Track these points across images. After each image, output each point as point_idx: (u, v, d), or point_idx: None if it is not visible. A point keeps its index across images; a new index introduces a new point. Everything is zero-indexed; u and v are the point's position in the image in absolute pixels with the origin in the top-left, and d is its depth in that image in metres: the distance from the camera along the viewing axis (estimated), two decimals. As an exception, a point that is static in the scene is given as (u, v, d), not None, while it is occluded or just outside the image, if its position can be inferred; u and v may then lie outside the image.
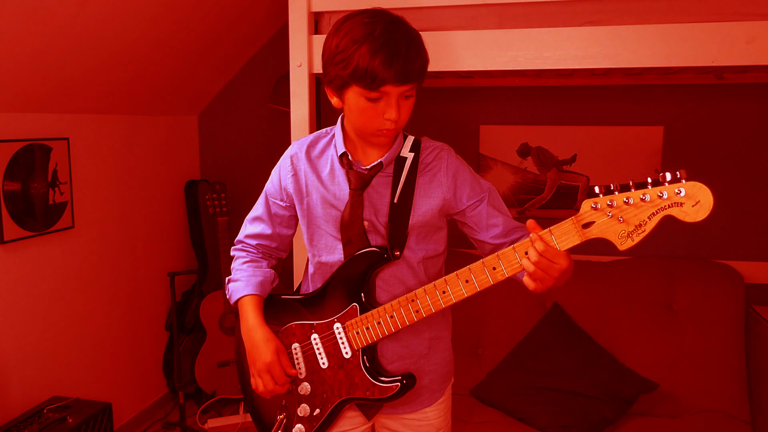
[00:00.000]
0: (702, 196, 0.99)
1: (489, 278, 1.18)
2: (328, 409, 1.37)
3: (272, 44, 3.24)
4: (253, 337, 1.38)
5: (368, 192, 1.32)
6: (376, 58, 1.15)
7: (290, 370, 1.36)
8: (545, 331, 2.52)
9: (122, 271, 2.88)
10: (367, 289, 1.33)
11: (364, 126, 1.26)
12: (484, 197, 1.35)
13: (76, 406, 2.32)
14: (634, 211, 1.04)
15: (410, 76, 1.20)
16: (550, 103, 2.85)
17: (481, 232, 1.36)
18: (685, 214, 1.00)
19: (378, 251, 1.30)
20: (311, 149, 1.39)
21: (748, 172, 2.68)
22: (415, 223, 1.32)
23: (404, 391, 1.31)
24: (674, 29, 1.72)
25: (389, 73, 1.16)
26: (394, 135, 1.29)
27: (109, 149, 2.77)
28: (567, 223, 1.10)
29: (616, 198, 1.05)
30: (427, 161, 1.34)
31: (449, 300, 1.24)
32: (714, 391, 2.37)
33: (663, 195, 1.01)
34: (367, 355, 1.34)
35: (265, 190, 1.46)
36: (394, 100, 1.21)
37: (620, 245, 1.06)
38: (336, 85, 1.25)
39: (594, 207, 1.07)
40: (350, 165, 1.32)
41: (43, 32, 1.99)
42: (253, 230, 1.47)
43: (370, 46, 1.16)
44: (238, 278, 1.44)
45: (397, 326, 1.29)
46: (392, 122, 1.22)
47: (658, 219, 1.03)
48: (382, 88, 1.18)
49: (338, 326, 1.34)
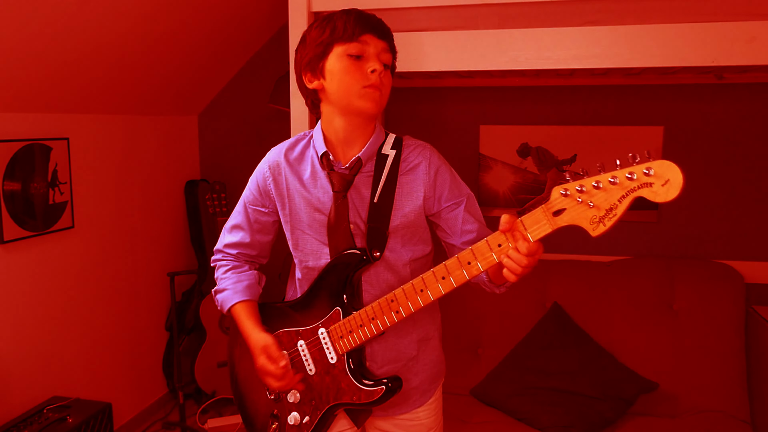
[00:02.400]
0: (671, 175, 0.94)
1: (465, 273, 1.16)
2: (318, 416, 1.36)
3: (272, 44, 3.24)
4: (249, 344, 1.38)
5: (350, 193, 1.30)
6: (351, 14, 1.26)
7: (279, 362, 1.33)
8: (545, 331, 2.52)
9: (122, 271, 2.88)
10: (350, 291, 1.31)
11: (349, 87, 1.25)
12: (462, 201, 1.33)
13: (76, 406, 2.32)
14: (603, 195, 1.00)
15: (386, 31, 1.28)
16: (550, 103, 2.85)
17: (454, 236, 1.34)
18: (655, 194, 0.96)
19: (357, 253, 1.28)
20: (290, 153, 1.37)
21: (748, 172, 2.68)
22: (399, 225, 1.31)
23: (390, 395, 1.30)
24: (674, 29, 1.72)
25: (367, 23, 1.25)
26: (379, 95, 1.26)
27: (109, 149, 2.77)
28: (538, 212, 1.07)
29: (585, 182, 1.01)
30: (409, 159, 1.33)
31: (427, 298, 1.22)
32: (714, 391, 2.37)
33: (633, 177, 0.97)
34: (353, 359, 1.32)
35: (243, 199, 1.44)
36: (374, 54, 1.25)
37: (592, 231, 1.02)
38: (315, 62, 1.28)
39: (564, 193, 1.03)
40: (331, 166, 1.30)
41: (43, 32, 1.99)
42: (232, 239, 1.45)
43: (344, 12, 1.27)
44: (224, 287, 1.43)
45: (379, 328, 1.27)
46: (376, 74, 1.23)
47: (628, 201, 0.99)
48: (362, 37, 1.24)
49: (323, 331, 1.33)
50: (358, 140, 1.31)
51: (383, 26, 1.28)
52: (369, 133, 1.32)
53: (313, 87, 1.30)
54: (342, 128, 1.31)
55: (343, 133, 1.31)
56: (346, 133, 1.31)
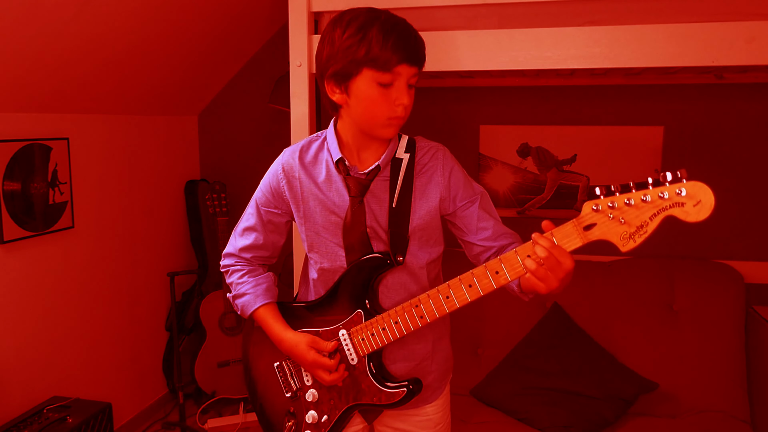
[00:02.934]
0: (703, 196, 0.98)
1: (492, 282, 1.18)
2: (336, 415, 1.37)
3: (272, 44, 3.24)
4: (286, 345, 1.38)
5: (367, 198, 1.30)
6: (389, 38, 1.15)
7: (329, 349, 1.33)
8: (545, 331, 2.52)
9: (122, 271, 2.88)
10: (371, 295, 1.32)
11: (374, 116, 1.22)
12: (476, 199, 1.34)
13: (76, 406, 2.32)
14: (635, 212, 1.03)
15: (421, 56, 1.22)
16: (550, 103, 2.85)
17: (470, 234, 1.35)
18: (687, 214, 0.99)
19: (381, 257, 1.29)
20: (304, 155, 1.36)
21: (748, 172, 2.68)
22: (416, 227, 1.31)
23: (411, 397, 1.31)
24: (674, 29, 1.72)
25: (404, 52, 1.17)
26: (401, 125, 1.26)
27: (109, 149, 2.77)
28: (568, 226, 1.09)
29: (617, 199, 1.03)
30: (423, 162, 1.33)
31: (453, 305, 1.23)
32: (714, 391, 2.37)
33: (664, 195, 1.00)
34: (374, 362, 1.33)
35: (256, 200, 1.43)
36: (404, 84, 1.20)
37: (622, 247, 1.05)
38: (341, 77, 1.21)
39: (595, 209, 1.05)
40: (347, 171, 1.30)
41: (43, 32, 1.99)
42: (245, 242, 1.44)
43: (381, 27, 1.16)
44: (244, 292, 1.43)
45: (402, 332, 1.28)
46: (404, 108, 1.21)
47: (659, 219, 1.02)
48: (396, 68, 1.17)
49: (343, 333, 1.34)
50: (373, 146, 1.32)
51: (419, 51, 1.21)
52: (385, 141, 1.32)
53: (335, 99, 1.26)
54: (359, 139, 1.30)
55: (359, 142, 1.31)
56: (362, 142, 1.31)
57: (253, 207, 1.43)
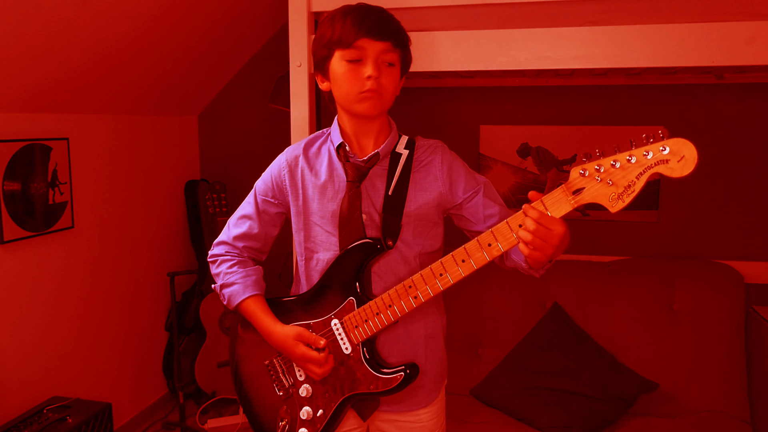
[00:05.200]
0: (687, 151, 1.00)
1: (485, 255, 1.18)
2: (332, 408, 1.36)
3: (272, 44, 3.24)
4: (275, 339, 1.37)
5: (364, 185, 1.33)
6: (348, 17, 1.25)
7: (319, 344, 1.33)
8: (545, 331, 2.52)
9: (122, 271, 2.88)
10: (363, 282, 1.32)
11: (348, 92, 1.28)
12: (480, 189, 1.37)
13: (76, 406, 2.32)
14: (621, 173, 1.05)
15: (384, 31, 1.26)
16: (550, 103, 2.85)
17: (479, 223, 1.36)
18: (672, 170, 1.01)
19: (371, 242, 1.30)
20: (309, 147, 1.42)
21: (748, 172, 2.67)
22: (411, 215, 1.33)
23: (408, 382, 1.30)
24: (674, 29, 1.72)
25: (362, 27, 1.23)
26: (377, 98, 1.27)
27: (109, 149, 2.77)
28: (557, 192, 1.10)
29: (604, 162, 1.07)
30: (421, 158, 1.36)
31: (447, 282, 1.23)
32: (714, 391, 2.37)
33: (648, 154, 1.03)
34: (367, 348, 1.33)
35: (255, 189, 1.46)
36: (372, 59, 1.25)
37: (611, 207, 1.06)
38: (322, 64, 1.31)
39: (582, 173, 1.08)
40: (347, 157, 1.34)
41: (43, 32, 1.99)
42: (238, 231, 1.45)
43: (343, 11, 1.27)
44: (232, 281, 1.42)
45: (396, 315, 1.28)
46: (372, 80, 1.24)
47: (646, 177, 1.04)
48: (357, 42, 1.24)
49: (336, 322, 1.34)
50: (371, 135, 1.36)
51: (382, 26, 1.26)
52: (379, 128, 1.36)
53: (323, 88, 1.35)
54: (351, 125, 1.35)
55: (354, 129, 1.36)
56: (357, 129, 1.35)
57: (251, 196, 1.46)
